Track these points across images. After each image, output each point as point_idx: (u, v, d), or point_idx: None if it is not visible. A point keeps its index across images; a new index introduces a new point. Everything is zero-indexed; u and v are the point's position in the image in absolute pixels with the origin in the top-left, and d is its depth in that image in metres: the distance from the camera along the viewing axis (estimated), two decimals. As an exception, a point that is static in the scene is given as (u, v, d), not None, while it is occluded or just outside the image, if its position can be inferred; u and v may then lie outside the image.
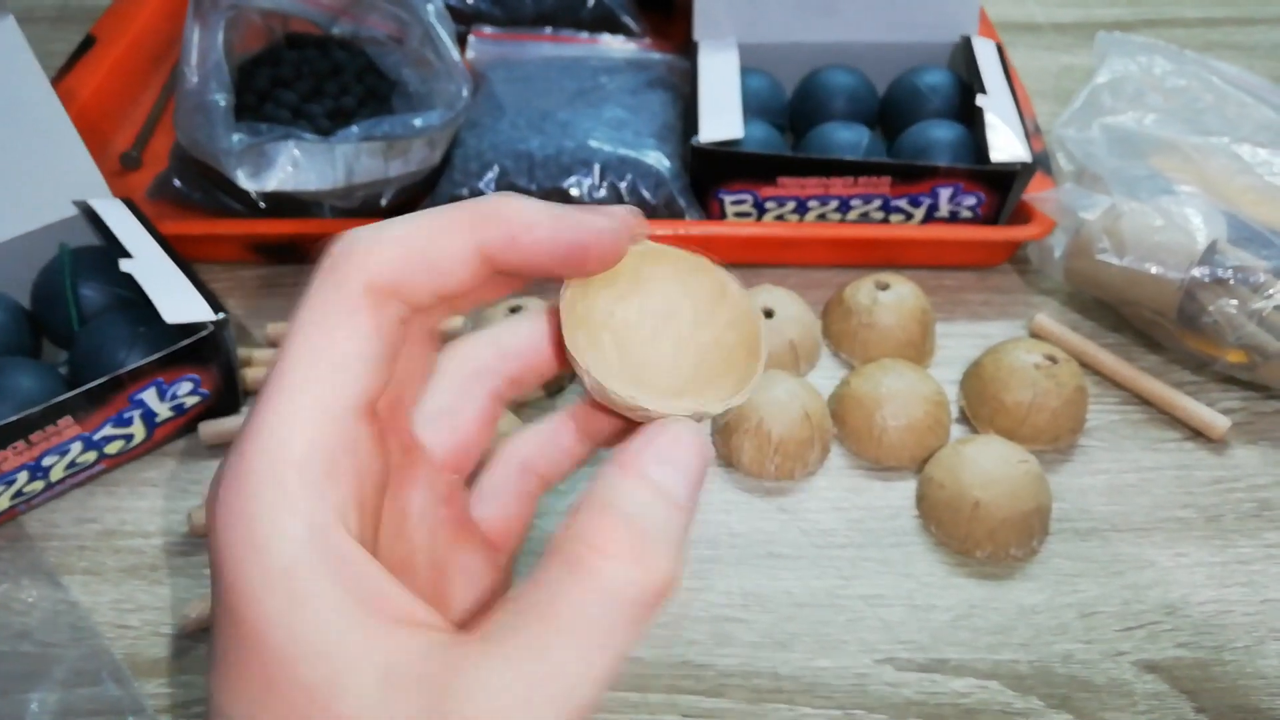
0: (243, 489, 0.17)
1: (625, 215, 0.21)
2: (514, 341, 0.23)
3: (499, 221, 0.20)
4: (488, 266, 0.20)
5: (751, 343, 0.22)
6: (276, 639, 0.16)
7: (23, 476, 0.40)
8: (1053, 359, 0.44)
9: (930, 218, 0.51)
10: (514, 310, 0.46)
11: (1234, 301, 0.44)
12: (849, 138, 0.52)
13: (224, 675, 0.17)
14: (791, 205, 0.51)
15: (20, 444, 0.39)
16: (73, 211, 0.46)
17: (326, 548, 0.17)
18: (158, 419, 0.42)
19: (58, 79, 0.58)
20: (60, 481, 0.42)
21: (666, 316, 0.22)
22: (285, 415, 0.18)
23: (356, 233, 0.19)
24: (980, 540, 0.40)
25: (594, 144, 0.51)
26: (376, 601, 0.17)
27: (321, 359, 0.18)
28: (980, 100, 0.51)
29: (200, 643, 0.38)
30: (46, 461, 0.40)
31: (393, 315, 0.19)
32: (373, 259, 0.19)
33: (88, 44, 0.61)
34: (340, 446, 0.18)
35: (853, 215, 0.51)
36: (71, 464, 0.41)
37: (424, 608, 0.18)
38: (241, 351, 0.46)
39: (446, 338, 0.25)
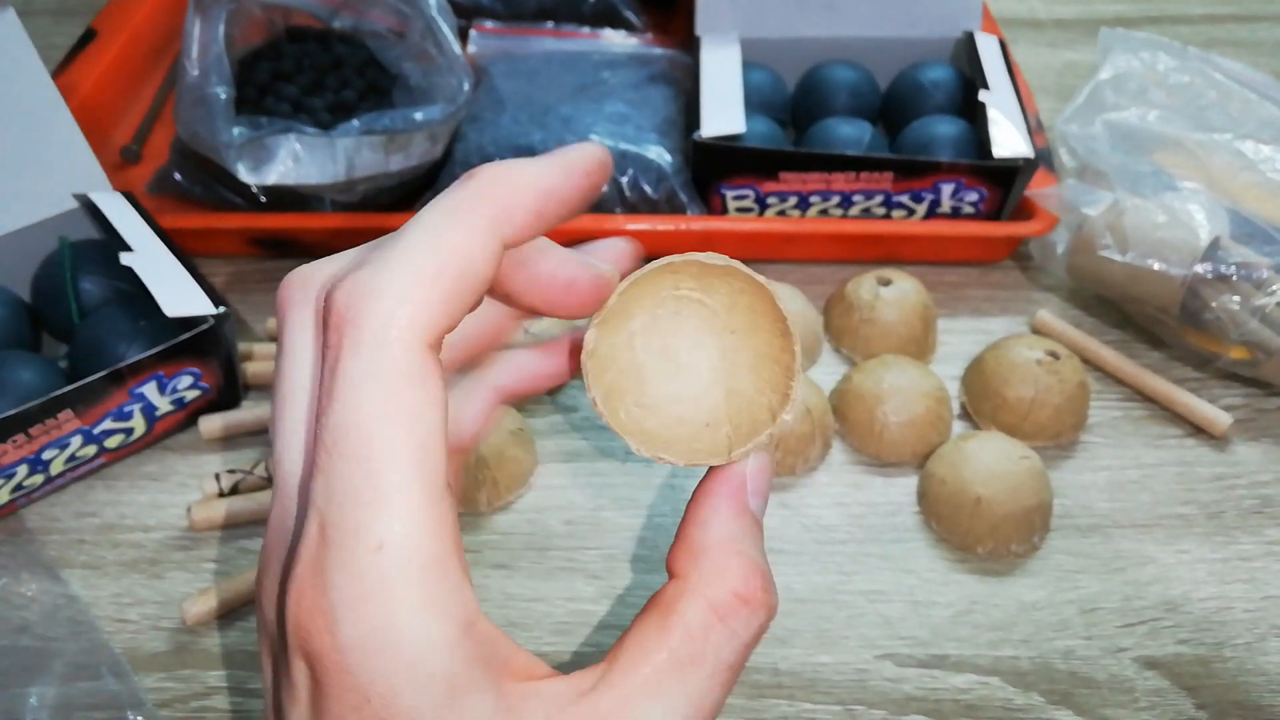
0: (380, 604, 0.17)
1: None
2: (527, 366, 0.23)
3: (516, 204, 0.19)
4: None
5: (781, 342, 0.22)
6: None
7: (22, 470, 0.40)
8: (1055, 355, 0.44)
9: (932, 213, 0.51)
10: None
11: (1236, 298, 0.44)
12: (851, 133, 0.52)
13: None
14: (793, 200, 0.51)
15: (20, 437, 0.39)
16: (73, 205, 0.46)
17: (473, 638, 0.17)
18: (158, 413, 0.42)
19: (58, 72, 0.58)
20: (60, 475, 0.42)
21: (689, 346, 0.22)
22: (399, 518, 0.17)
23: (369, 275, 0.18)
24: (981, 536, 0.40)
25: (596, 138, 0.51)
26: (509, 668, 0.18)
27: (410, 439, 0.17)
28: (983, 96, 0.51)
29: (201, 636, 0.38)
30: (46, 455, 0.40)
31: (439, 359, 0.18)
32: (415, 308, 0.17)
33: (88, 37, 0.61)
34: (450, 535, 0.17)
35: (855, 211, 0.51)
36: (71, 458, 0.41)
37: (530, 658, 0.19)
38: (242, 345, 0.46)
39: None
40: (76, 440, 0.40)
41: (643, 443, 0.21)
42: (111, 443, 0.42)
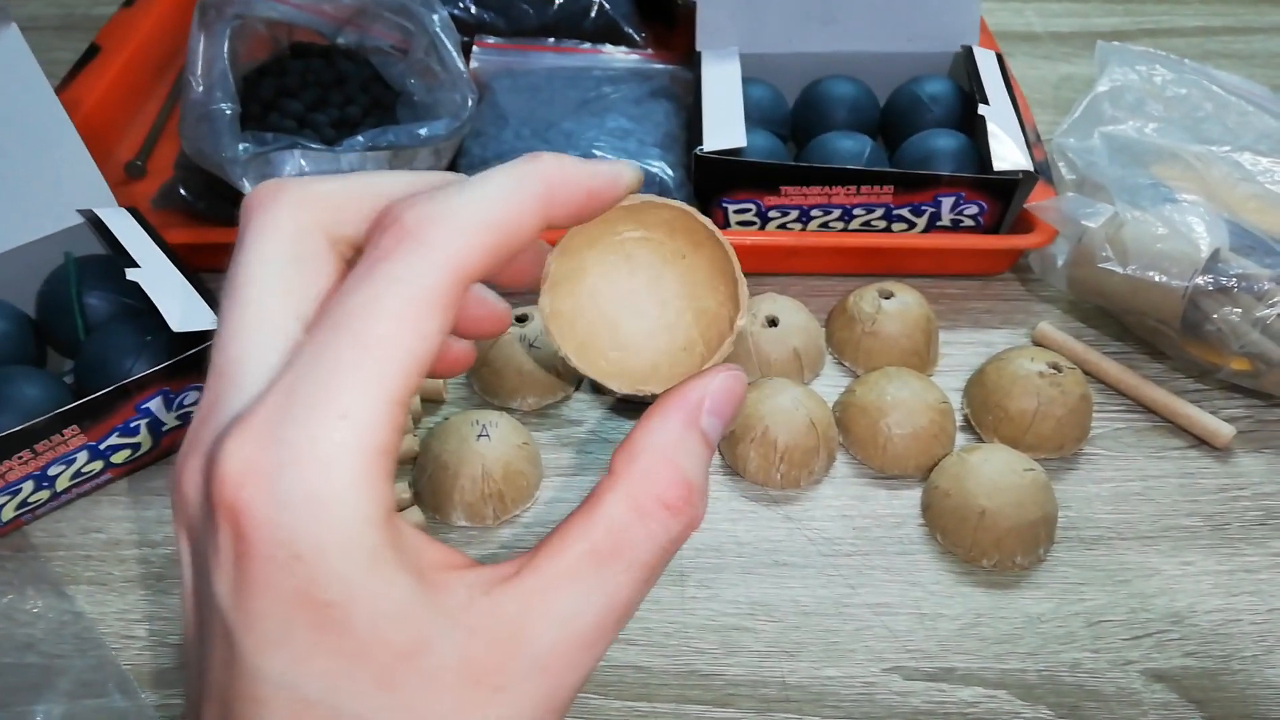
0: (318, 469, 0.17)
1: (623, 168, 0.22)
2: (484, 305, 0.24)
3: (572, 190, 0.20)
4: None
5: (722, 253, 0.23)
6: (363, 611, 0.17)
7: (28, 486, 0.40)
8: (1057, 367, 0.44)
9: (932, 226, 0.52)
10: (520, 320, 0.46)
11: (1238, 310, 0.44)
12: (851, 147, 0.52)
13: (298, 653, 0.17)
14: (794, 214, 0.51)
15: (26, 454, 0.39)
16: (78, 220, 0.46)
17: (392, 526, 0.18)
18: (164, 428, 0.42)
19: (62, 88, 0.58)
20: (66, 491, 0.42)
21: (650, 281, 0.24)
22: (369, 400, 0.18)
23: (431, 200, 0.19)
24: (986, 549, 0.40)
25: (598, 153, 0.51)
26: (426, 559, 0.19)
27: (402, 351, 0.18)
28: (982, 110, 0.51)
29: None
30: (52, 471, 0.40)
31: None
32: (467, 251, 0.19)
33: (92, 53, 0.61)
34: (399, 430, 0.18)
35: (855, 224, 0.51)
36: (77, 473, 0.41)
37: (448, 550, 0.20)
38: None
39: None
40: (83, 456, 0.41)
41: (624, 382, 0.22)
42: (118, 458, 0.42)
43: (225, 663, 0.18)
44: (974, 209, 0.51)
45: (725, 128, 0.50)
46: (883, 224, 0.51)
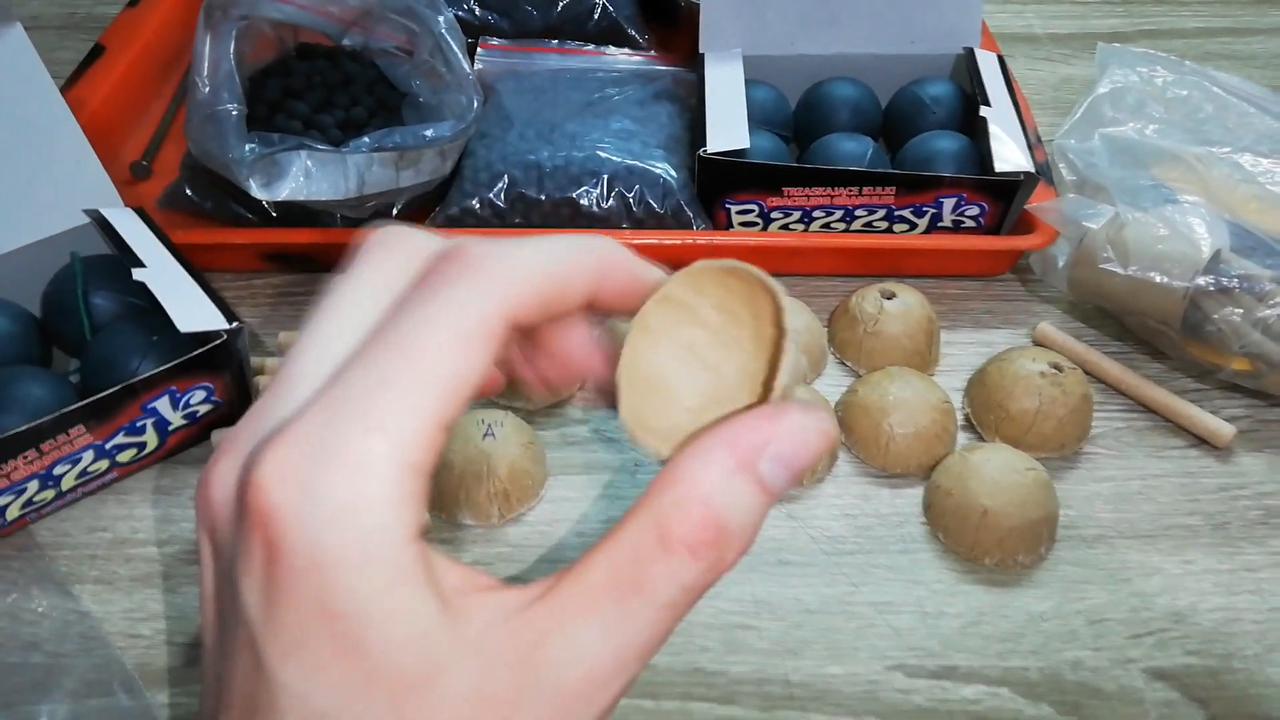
0: (352, 479, 0.17)
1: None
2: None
3: (619, 273, 0.21)
4: (587, 309, 0.21)
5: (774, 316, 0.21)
6: (378, 631, 0.17)
7: (33, 485, 0.40)
8: (1058, 367, 0.44)
9: (934, 227, 0.52)
10: None
11: (1239, 310, 0.45)
12: (853, 148, 0.53)
13: (314, 665, 0.17)
14: (797, 215, 0.51)
15: (31, 453, 0.39)
16: (84, 220, 0.47)
17: (420, 546, 0.18)
18: (170, 427, 0.43)
19: (67, 87, 0.58)
20: (71, 490, 0.42)
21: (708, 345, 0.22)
22: (411, 417, 0.18)
23: (490, 247, 0.19)
24: (989, 547, 0.40)
25: (602, 155, 0.52)
26: (449, 581, 0.18)
27: (448, 373, 0.18)
28: (984, 112, 0.51)
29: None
30: (58, 470, 0.40)
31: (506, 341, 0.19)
32: (519, 290, 0.19)
33: (96, 52, 0.61)
34: (436, 453, 0.18)
35: (857, 225, 0.52)
36: (83, 473, 0.41)
37: (473, 571, 0.19)
38: (255, 359, 0.47)
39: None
40: (88, 455, 0.41)
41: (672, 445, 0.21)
42: (124, 457, 0.42)
43: (249, 671, 0.18)
44: (975, 210, 0.51)
45: (728, 129, 0.50)
46: (884, 225, 0.52)
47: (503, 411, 0.43)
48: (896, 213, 0.51)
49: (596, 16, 0.64)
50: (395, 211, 0.51)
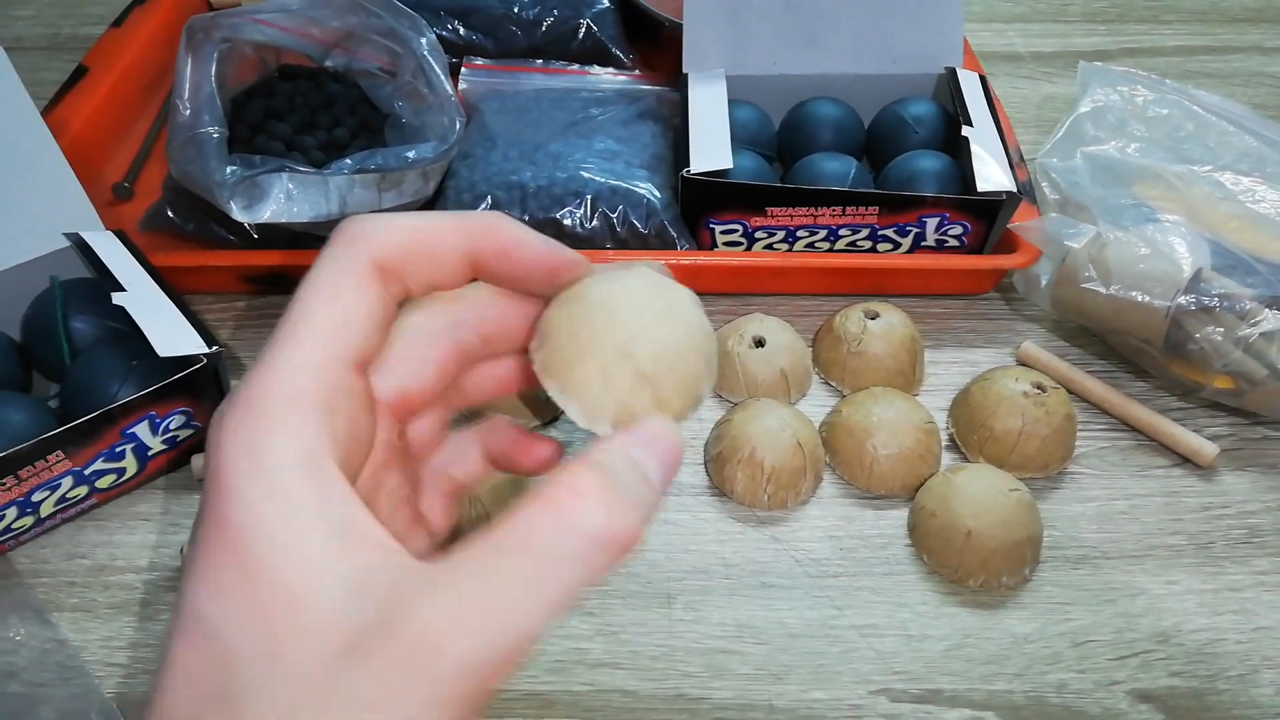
0: (248, 414, 0.19)
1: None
2: (474, 310, 0.24)
3: (495, 235, 0.23)
4: (473, 271, 0.23)
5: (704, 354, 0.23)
6: (263, 545, 0.18)
7: (11, 512, 0.40)
8: (1041, 387, 0.44)
9: (917, 247, 0.52)
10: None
11: (1220, 329, 0.45)
12: (836, 168, 0.53)
13: (205, 577, 0.19)
14: (781, 235, 0.51)
15: (9, 480, 0.38)
16: (64, 244, 0.46)
17: (318, 474, 0.19)
18: (150, 452, 0.42)
19: (50, 109, 0.58)
20: (50, 517, 0.41)
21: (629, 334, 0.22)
22: (292, 356, 0.20)
23: (368, 217, 0.22)
24: (973, 569, 0.40)
25: (586, 175, 0.52)
26: (352, 526, 0.19)
27: (330, 315, 0.21)
28: (966, 132, 0.51)
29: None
30: (36, 497, 0.40)
31: (392, 292, 0.22)
32: (383, 241, 0.22)
33: (79, 74, 0.61)
34: (338, 391, 0.20)
35: (841, 244, 0.52)
36: (62, 499, 0.41)
37: (393, 541, 0.20)
38: (234, 383, 0.46)
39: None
40: (67, 481, 0.40)
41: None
42: (103, 483, 0.42)
43: (175, 603, 0.19)
44: (958, 229, 0.51)
45: (712, 149, 0.50)
46: (868, 244, 0.52)
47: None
48: (880, 232, 0.51)
49: (581, 36, 0.64)
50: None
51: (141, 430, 0.41)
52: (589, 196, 0.51)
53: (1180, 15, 0.77)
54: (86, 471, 0.41)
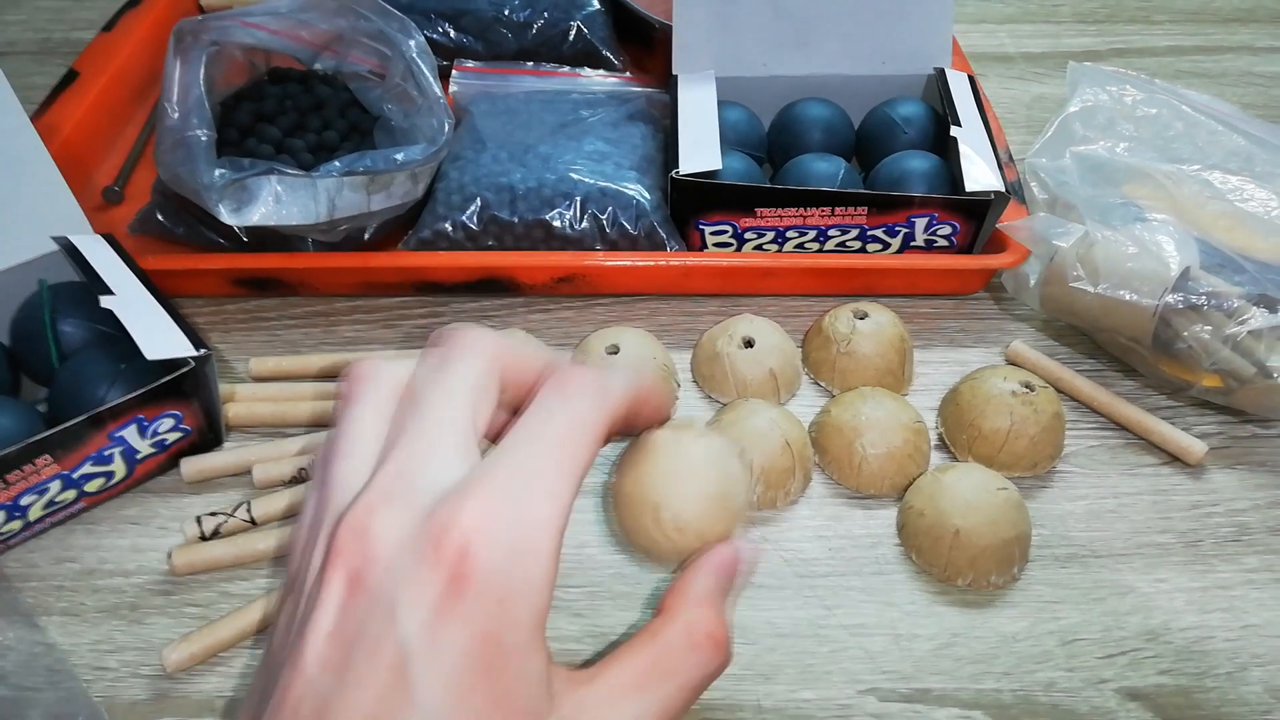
0: (540, 531, 0.23)
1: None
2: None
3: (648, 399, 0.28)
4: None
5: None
6: (518, 665, 0.22)
7: (0, 516, 0.40)
8: (1030, 386, 0.44)
9: (906, 247, 0.52)
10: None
11: (1208, 327, 0.45)
12: (826, 169, 0.53)
13: (465, 687, 0.21)
14: (770, 235, 0.51)
15: (-3, 483, 0.38)
16: (52, 247, 0.46)
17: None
18: (139, 456, 0.42)
19: (40, 113, 0.58)
20: (39, 521, 0.41)
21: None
22: (566, 488, 0.24)
23: (604, 372, 0.27)
24: (961, 568, 0.40)
25: (575, 176, 0.52)
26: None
27: (583, 457, 0.25)
28: (954, 132, 0.52)
29: (181, 684, 0.37)
30: (24, 501, 0.40)
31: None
32: (622, 403, 0.26)
33: (70, 78, 0.61)
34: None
35: (830, 245, 0.52)
36: (50, 503, 0.41)
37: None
38: (224, 387, 0.46)
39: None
40: (55, 485, 0.40)
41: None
42: (91, 487, 0.42)
43: (384, 692, 0.21)
44: (947, 229, 0.51)
45: (701, 150, 0.51)
46: (857, 245, 0.52)
47: None
48: (869, 232, 0.51)
49: (571, 39, 0.64)
50: (367, 235, 0.51)
51: (130, 434, 0.41)
52: (578, 198, 0.51)
53: (1171, 15, 0.77)
54: (75, 475, 0.41)
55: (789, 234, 0.51)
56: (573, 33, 0.64)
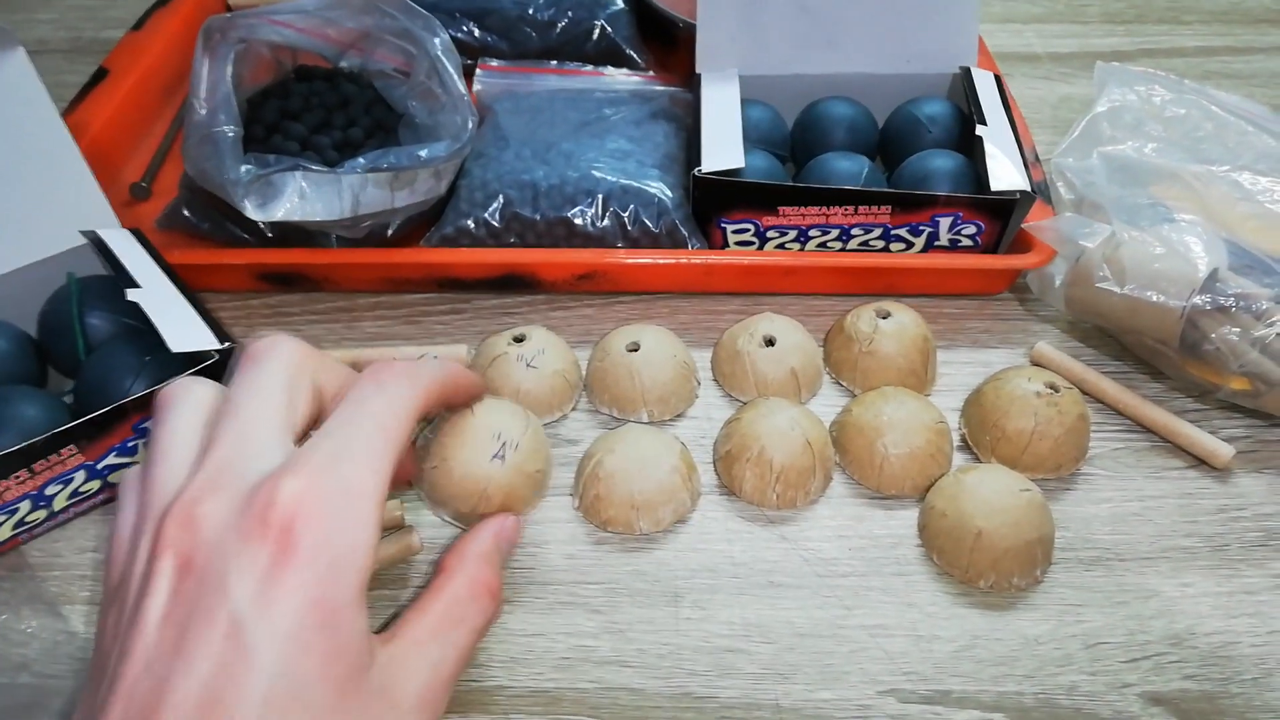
0: (365, 501, 0.26)
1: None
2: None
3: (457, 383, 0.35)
4: None
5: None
6: (349, 622, 0.25)
7: (25, 506, 0.40)
8: (1054, 387, 0.44)
9: (930, 246, 0.52)
10: (518, 339, 0.46)
11: (1236, 329, 0.44)
12: (849, 168, 0.53)
13: (301, 646, 0.23)
14: (793, 234, 0.51)
15: (23, 473, 0.39)
16: (81, 241, 0.47)
17: None
18: (162, 447, 0.43)
19: (70, 110, 0.59)
20: (63, 511, 0.42)
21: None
22: (385, 464, 0.27)
23: (415, 363, 0.32)
24: (983, 570, 0.40)
25: (598, 174, 0.52)
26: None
27: (399, 437, 0.29)
28: (980, 131, 0.51)
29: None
30: (49, 491, 0.40)
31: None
32: (432, 386, 0.31)
33: (100, 76, 0.62)
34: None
35: (853, 244, 0.52)
36: (75, 493, 0.41)
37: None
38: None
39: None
40: (80, 475, 0.41)
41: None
42: (115, 477, 0.42)
43: (221, 660, 0.22)
44: (972, 229, 0.51)
45: (724, 149, 0.50)
46: (881, 244, 0.52)
47: (522, 431, 0.41)
48: (893, 231, 0.51)
49: (595, 37, 0.64)
50: (390, 232, 0.51)
51: (154, 425, 0.41)
52: (600, 195, 0.51)
53: (1200, 16, 0.76)
54: (99, 465, 0.41)
55: (811, 233, 0.51)
56: (596, 32, 0.64)
